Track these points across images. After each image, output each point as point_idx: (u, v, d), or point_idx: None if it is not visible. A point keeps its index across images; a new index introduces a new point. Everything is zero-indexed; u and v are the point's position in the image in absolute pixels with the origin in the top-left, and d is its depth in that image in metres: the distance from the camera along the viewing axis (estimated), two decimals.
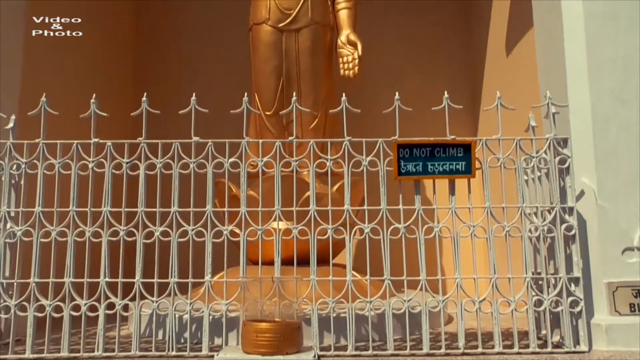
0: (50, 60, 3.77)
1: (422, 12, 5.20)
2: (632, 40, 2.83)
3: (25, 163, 2.68)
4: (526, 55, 3.63)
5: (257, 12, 3.92)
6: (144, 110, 2.73)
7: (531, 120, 2.76)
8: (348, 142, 2.71)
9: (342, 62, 3.86)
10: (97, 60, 4.52)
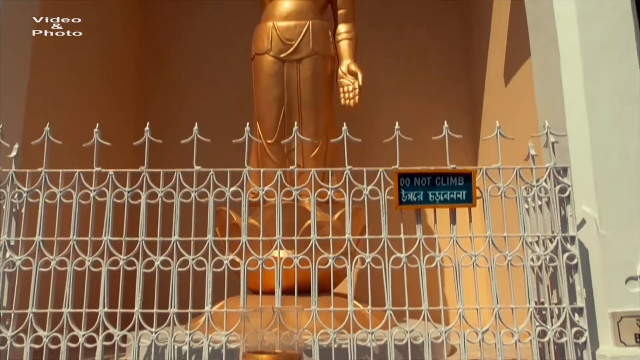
0: (54, 89, 3.81)
1: (421, 42, 5.28)
2: (629, 70, 2.87)
3: (27, 192, 2.69)
4: (524, 84, 3.67)
5: (260, 43, 3.98)
6: (146, 140, 2.75)
7: (531, 149, 2.78)
8: (349, 171, 2.72)
9: (342, 91, 3.91)
10: (101, 89, 4.58)
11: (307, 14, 3.97)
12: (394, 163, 2.70)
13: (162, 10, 5.46)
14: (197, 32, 5.39)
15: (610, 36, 2.91)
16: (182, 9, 5.44)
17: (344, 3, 4.16)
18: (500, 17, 4.24)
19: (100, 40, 4.57)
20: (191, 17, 5.44)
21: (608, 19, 2.93)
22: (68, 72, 4.03)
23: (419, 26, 5.31)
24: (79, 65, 4.23)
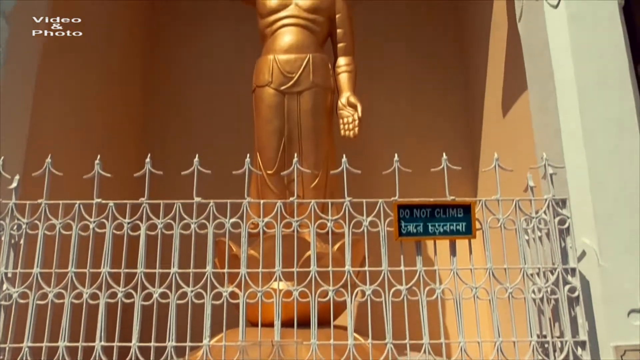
0: (55, 120, 3.84)
1: (420, 74, 5.36)
2: (625, 102, 2.91)
3: (27, 223, 2.69)
4: (522, 115, 3.71)
5: (260, 75, 4.05)
6: (147, 171, 2.76)
7: (529, 181, 2.79)
8: (349, 202, 2.72)
9: (342, 123, 3.96)
10: (103, 120, 4.61)
11: (307, 48, 4.04)
12: (393, 194, 2.71)
13: (165, 42, 5.56)
14: (198, 65, 5.47)
15: (605, 69, 2.96)
16: (185, 43, 5.53)
17: (344, 37, 4.25)
18: (497, 50, 4.31)
19: (103, 72, 4.63)
20: (192, 52, 5.52)
21: (602, 52, 2.98)
22: (70, 103, 4.07)
23: (418, 58, 5.40)
24: (82, 96, 4.27)
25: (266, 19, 4.18)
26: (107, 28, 4.66)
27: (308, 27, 4.11)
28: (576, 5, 3.05)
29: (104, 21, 4.59)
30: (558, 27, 3.04)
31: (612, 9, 3.06)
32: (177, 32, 5.58)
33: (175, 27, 5.59)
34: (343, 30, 4.25)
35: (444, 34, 5.47)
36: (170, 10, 5.64)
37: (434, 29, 5.48)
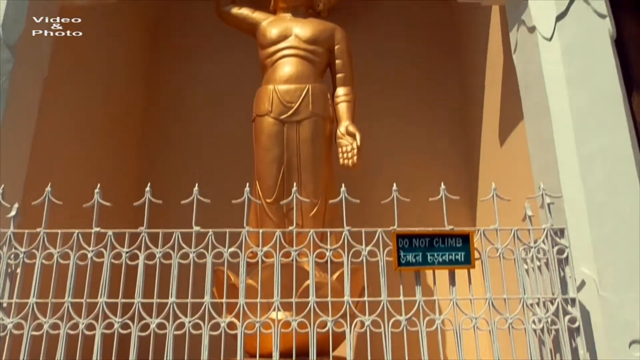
0: (55, 148, 3.87)
1: (418, 103, 5.41)
2: (620, 131, 2.95)
3: (24, 253, 2.67)
4: (519, 145, 3.75)
5: (260, 105, 4.10)
6: (146, 200, 2.77)
7: (527, 210, 2.80)
8: (348, 231, 2.73)
9: (341, 151, 3.99)
10: (103, 150, 4.63)
11: (307, 78, 4.10)
12: (392, 223, 2.72)
13: (165, 72, 5.62)
14: (198, 94, 5.52)
15: (599, 99, 3.01)
16: (185, 73, 5.59)
17: (343, 67, 4.32)
18: (494, 80, 4.38)
19: (103, 100, 4.68)
20: (192, 82, 5.57)
21: (596, 83, 3.04)
22: (70, 131, 4.10)
23: (416, 88, 5.46)
24: (82, 124, 4.31)
25: (267, 50, 4.25)
26: (107, 56, 4.72)
27: (307, 57, 4.18)
28: (569, 38, 3.13)
29: (105, 49, 4.66)
30: (552, 59, 3.11)
31: (604, 41, 3.14)
32: (178, 62, 5.64)
33: (176, 57, 5.66)
34: (342, 61, 4.32)
35: (442, 64, 5.55)
36: (171, 39, 5.72)
37: (432, 60, 5.57)
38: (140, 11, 5.34)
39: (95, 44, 4.45)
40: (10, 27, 3.09)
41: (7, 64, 3.04)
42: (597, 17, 3.16)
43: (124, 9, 4.74)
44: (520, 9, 3.40)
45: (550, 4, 3.20)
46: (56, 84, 3.69)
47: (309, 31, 4.26)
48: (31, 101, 3.29)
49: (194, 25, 5.67)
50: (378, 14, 5.66)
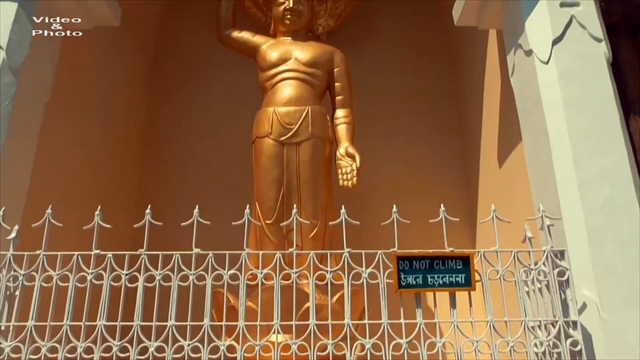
0: (56, 170, 3.88)
1: (417, 125, 5.44)
2: (617, 154, 2.97)
3: (23, 275, 2.66)
4: (518, 166, 3.77)
5: (260, 126, 4.13)
6: (147, 222, 2.77)
7: (527, 232, 2.80)
8: (348, 253, 2.72)
9: (341, 173, 4.00)
10: (103, 171, 4.63)
11: (306, 100, 4.15)
12: (392, 244, 2.71)
13: (166, 96, 5.65)
14: (198, 117, 5.54)
15: (597, 122, 3.04)
16: (184, 94, 5.63)
17: (342, 90, 4.37)
18: (492, 102, 4.42)
19: (103, 123, 4.70)
20: (192, 103, 5.61)
21: (593, 105, 3.08)
22: (71, 154, 4.12)
23: (415, 109, 5.49)
24: (82, 146, 4.32)
25: (267, 73, 4.30)
26: (109, 80, 4.77)
27: (307, 80, 4.23)
28: (566, 61, 3.17)
29: (106, 73, 4.71)
30: (549, 82, 3.14)
31: (601, 65, 3.18)
32: (178, 85, 5.69)
33: (176, 80, 5.70)
34: (341, 84, 4.37)
35: (441, 86, 5.60)
36: (171, 62, 5.78)
37: (431, 82, 5.61)
38: (141, 36, 5.41)
39: (97, 68, 4.51)
40: (14, 52, 3.13)
41: (10, 87, 3.08)
42: (593, 41, 3.21)
43: (126, 33, 4.80)
44: (517, 33, 3.45)
45: (546, 28, 3.24)
46: (57, 107, 3.72)
47: (308, 54, 4.31)
48: (33, 124, 3.31)
49: (194, 48, 5.74)
50: (377, 37, 5.73)
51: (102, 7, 3.76)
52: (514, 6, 3.50)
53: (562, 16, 3.27)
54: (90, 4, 3.70)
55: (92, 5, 3.71)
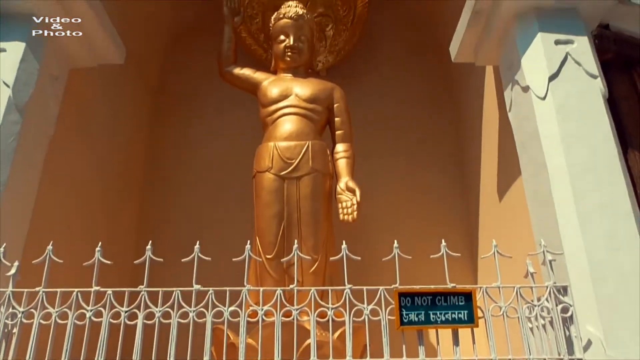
0: (57, 204, 3.89)
1: (417, 159, 5.47)
2: (617, 188, 2.98)
3: (22, 312, 2.64)
4: (518, 200, 3.77)
5: (261, 161, 4.16)
6: (147, 259, 2.76)
7: (529, 267, 2.79)
8: (349, 290, 2.70)
9: (341, 207, 4.01)
10: (103, 207, 4.64)
11: (307, 135, 4.19)
12: (393, 280, 2.70)
13: (167, 132, 5.70)
14: (198, 153, 5.58)
15: (595, 157, 3.06)
16: (185, 130, 5.69)
17: (342, 124, 4.42)
18: (490, 137, 4.46)
19: (104, 159, 4.72)
20: (193, 139, 5.66)
21: (591, 141, 3.10)
22: (71, 189, 4.14)
23: (415, 145, 5.53)
24: (83, 182, 4.34)
25: (267, 108, 4.36)
26: (111, 116, 4.82)
27: (307, 115, 4.29)
28: (562, 97, 3.21)
29: (108, 110, 4.76)
30: (547, 118, 3.18)
31: (597, 100, 3.22)
32: (178, 118, 5.75)
33: (177, 114, 5.77)
34: (341, 119, 4.43)
35: (440, 120, 5.65)
36: (173, 99, 5.85)
37: (429, 117, 5.67)
38: (144, 71, 5.52)
39: (99, 102, 4.58)
40: (21, 90, 3.19)
41: (15, 125, 3.12)
42: (589, 77, 3.27)
43: (128, 69, 4.89)
44: (513, 69, 3.52)
45: (542, 65, 3.31)
46: (60, 141, 3.76)
47: (308, 90, 4.38)
48: (36, 160, 3.34)
49: (195, 84, 5.83)
50: (375, 73, 5.83)
51: (107, 46, 3.85)
52: (509, 43, 3.58)
53: (557, 53, 3.34)
54: (96, 43, 3.80)
55: (97, 44, 3.80)
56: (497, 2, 3.49)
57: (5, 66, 3.21)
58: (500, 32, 3.65)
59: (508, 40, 3.60)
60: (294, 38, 4.50)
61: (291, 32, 4.51)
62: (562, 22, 3.43)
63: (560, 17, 3.43)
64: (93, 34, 3.72)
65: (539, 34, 3.39)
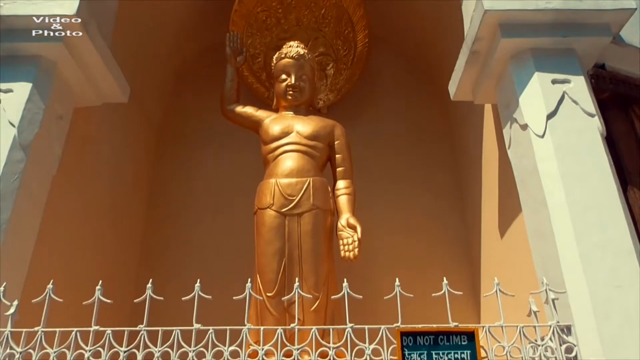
0: (57, 242, 3.89)
1: (418, 196, 5.49)
2: (618, 226, 2.98)
3: (20, 353, 2.60)
4: (520, 236, 3.77)
5: (262, 198, 4.18)
6: (147, 297, 2.74)
7: (532, 305, 2.77)
8: (350, 329, 2.67)
9: (342, 244, 3.99)
10: (103, 245, 4.62)
11: (308, 172, 4.22)
12: (395, 318, 2.67)
13: (169, 170, 5.74)
14: (200, 190, 5.60)
15: (595, 195, 3.07)
16: (187, 168, 5.73)
17: (343, 161, 4.46)
18: (490, 173, 4.49)
19: (106, 197, 4.73)
20: (195, 177, 5.69)
21: (590, 179, 3.11)
22: (74, 226, 4.14)
23: (415, 182, 5.55)
24: (85, 220, 4.35)
25: (269, 145, 4.41)
26: (113, 155, 4.85)
27: (308, 152, 4.32)
28: (561, 135, 3.25)
29: (110, 148, 4.80)
30: (546, 156, 3.21)
31: (595, 139, 3.25)
32: (180, 156, 5.78)
33: (178, 152, 5.80)
34: (342, 156, 4.46)
35: (439, 157, 5.70)
36: (175, 137, 5.90)
37: (430, 154, 5.72)
38: (147, 110, 5.59)
39: (102, 141, 4.62)
40: (26, 130, 3.23)
41: (19, 163, 3.15)
42: (586, 115, 3.31)
43: (132, 108, 4.96)
44: (511, 108, 3.57)
45: (540, 104, 3.36)
46: (62, 180, 3.78)
47: (309, 128, 4.44)
48: (38, 199, 3.35)
49: (198, 122, 5.90)
50: (375, 110, 5.91)
51: (111, 85, 3.92)
52: (507, 82, 3.65)
53: (554, 92, 3.39)
54: (101, 83, 3.87)
55: (102, 83, 3.88)
56: (494, 42, 3.58)
57: (11, 106, 3.26)
58: (498, 71, 3.72)
59: (505, 79, 3.67)
60: (295, 77, 4.59)
61: (293, 72, 4.60)
62: (559, 61, 3.50)
63: (557, 57, 3.51)
64: (98, 74, 3.80)
65: (535, 73, 3.46)
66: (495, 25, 3.51)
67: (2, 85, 3.34)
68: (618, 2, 3.42)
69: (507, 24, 3.49)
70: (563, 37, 3.48)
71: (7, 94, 3.32)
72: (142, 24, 4.97)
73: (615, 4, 3.41)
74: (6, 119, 3.23)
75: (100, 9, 3.86)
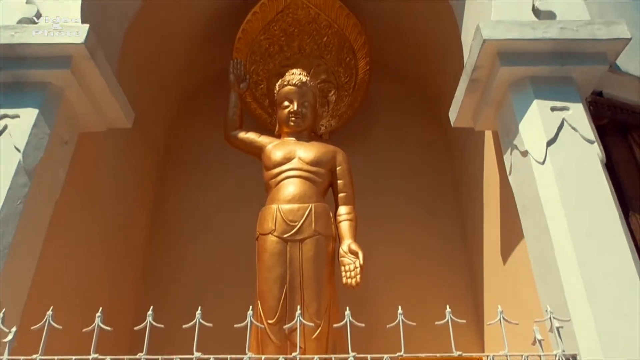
0: (57, 268, 3.87)
1: (419, 224, 5.48)
2: (621, 253, 2.96)
3: None
4: (522, 263, 3.75)
5: (264, 223, 4.17)
6: (148, 325, 2.72)
7: (536, 333, 2.73)
8: (353, 357, 2.64)
9: (344, 270, 3.97)
10: (104, 271, 4.59)
11: (309, 198, 4.22)
12: (398, 346, 2.63)
13: (171, 195, 5.76)
14: (202, 216, 5.60)
15: (597, 222, 3.06)
16: (189, 196, 5.75)
17: (345, 187, 4.47)
18: (492, 200, 4.50)
19: (107, 224, 4.73)
20: (195, 203, 5.69)
21: (591, 205, 3.11)
22: (75, 251, 4.12)
23: (416, 209, 5.55)
24: (86, 245, 4.33)
25: (271, 171, 4.43)
26: (115, 180, 4.87)
27: (310, 178, 4.34)
28: (561, 162, 3.26)
29: (112, 173, 4.82)
30: (547, 182, 3.22)
31: (595, 165, 3.26)
32: (182, 181, 5.80)
33: (181, 177, 5.82)
34: (343, 182, 4.48)
35: (440, 184, 5.71)
36: (176, 161, 5.95)
37: (430, 180, 5.73)
38: (150, 135, 5.63)
39: (104, 166, 4.64)
40: (30, 155, 3.25)
41: (23, 188, 3.16)
42: (586, 142, 3.33)
43: (135, 132, 5.00)
44: (511, 135, 3.60)
45: (539, 131, 3.38)
46: (63, 205, 3.77)
47: (311, 154, 4.46)
48: (40, 224, 3.35)
49: (200, 147, 5.95)
50: (377, 136, 5.96)
51: (116, 111, 3.97)
52: (507, 109, 3.68)
53: (553, 119, 3.43)
54: (106, 109, 3.92)
55: (107, 109, 3.92)
56: (494, 71, 3.62)
57: (17, 131, 3.30)
58: (498, 99, 3.76)
59: (505, 107, 3.71)
60: (297, 104, 4.64)
61: (295, 99, 4.65)
62: (557, 89, 3.54)
63: (555, 85, 3.55)
64: (104, 100, 3.85)
65: (535, 100, 3.49)
66: (494, 54, 3.56)
67: (10, 110, 3.39)
68: (613, 31, 3.48)
69: (506, 53, 3.54)
70: (561, 65, 3.53)
71: (14, 119, 3.36)
72: (147, 50, 5.06)
73: (611, 34, 3.47)
74: (12, 144, 3.26)
75: (107, 36, 3.93)
